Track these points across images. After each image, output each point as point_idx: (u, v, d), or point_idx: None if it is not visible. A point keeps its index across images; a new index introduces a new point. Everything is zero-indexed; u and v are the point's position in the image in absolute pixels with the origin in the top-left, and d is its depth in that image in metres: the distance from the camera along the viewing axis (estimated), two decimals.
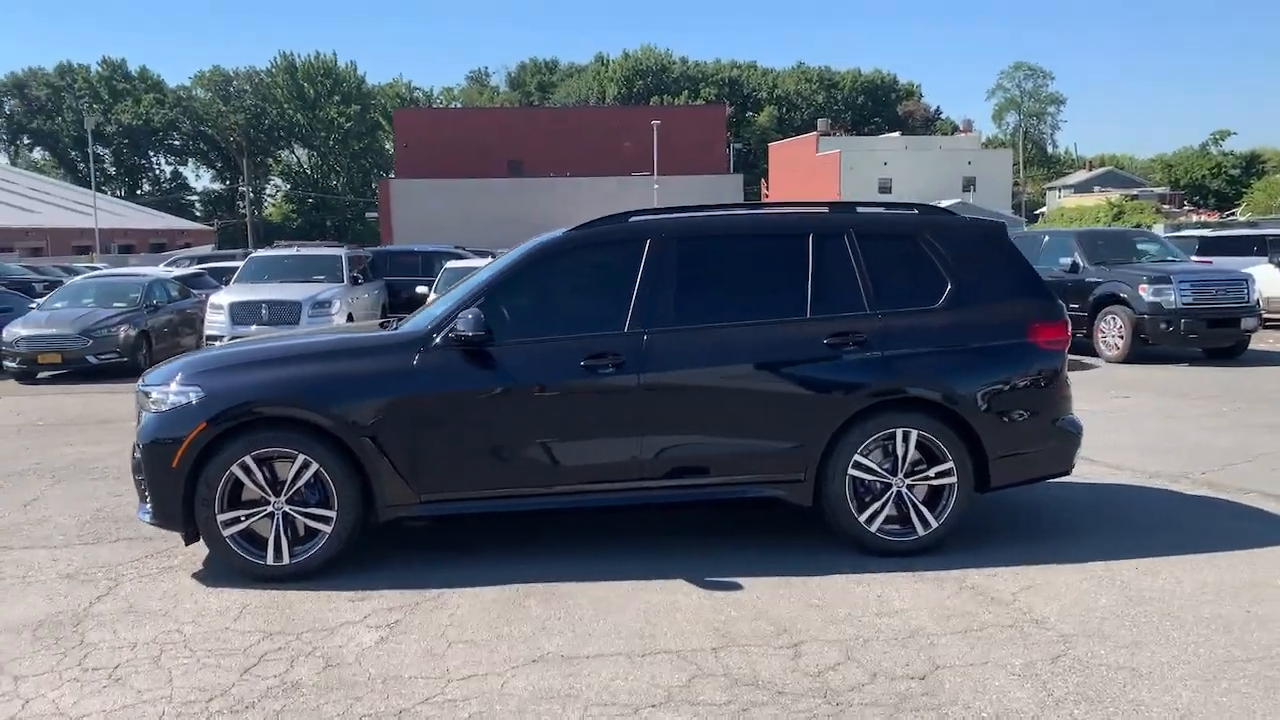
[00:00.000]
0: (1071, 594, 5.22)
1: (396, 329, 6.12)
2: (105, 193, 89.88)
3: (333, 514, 5.58)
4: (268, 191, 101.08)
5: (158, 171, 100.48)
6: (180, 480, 5.51)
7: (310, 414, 5.54)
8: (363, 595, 5.36)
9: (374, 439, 5.56)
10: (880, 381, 5.84)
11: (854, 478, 5.84)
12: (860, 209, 6.44)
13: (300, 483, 5.56)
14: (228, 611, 5.17)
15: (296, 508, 5.59)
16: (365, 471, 5.57)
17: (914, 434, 5.85)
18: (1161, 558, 5.74)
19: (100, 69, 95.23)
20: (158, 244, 64.42)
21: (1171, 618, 4.87)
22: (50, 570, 5.92)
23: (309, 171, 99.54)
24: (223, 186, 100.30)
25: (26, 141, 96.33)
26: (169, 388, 5.69)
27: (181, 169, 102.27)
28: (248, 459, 5.52)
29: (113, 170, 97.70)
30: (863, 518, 5.84)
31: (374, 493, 5.60)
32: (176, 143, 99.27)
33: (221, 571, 5.68)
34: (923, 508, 5.88)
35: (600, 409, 5.73)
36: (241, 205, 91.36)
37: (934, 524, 5.87)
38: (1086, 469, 7.81)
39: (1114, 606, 5.03)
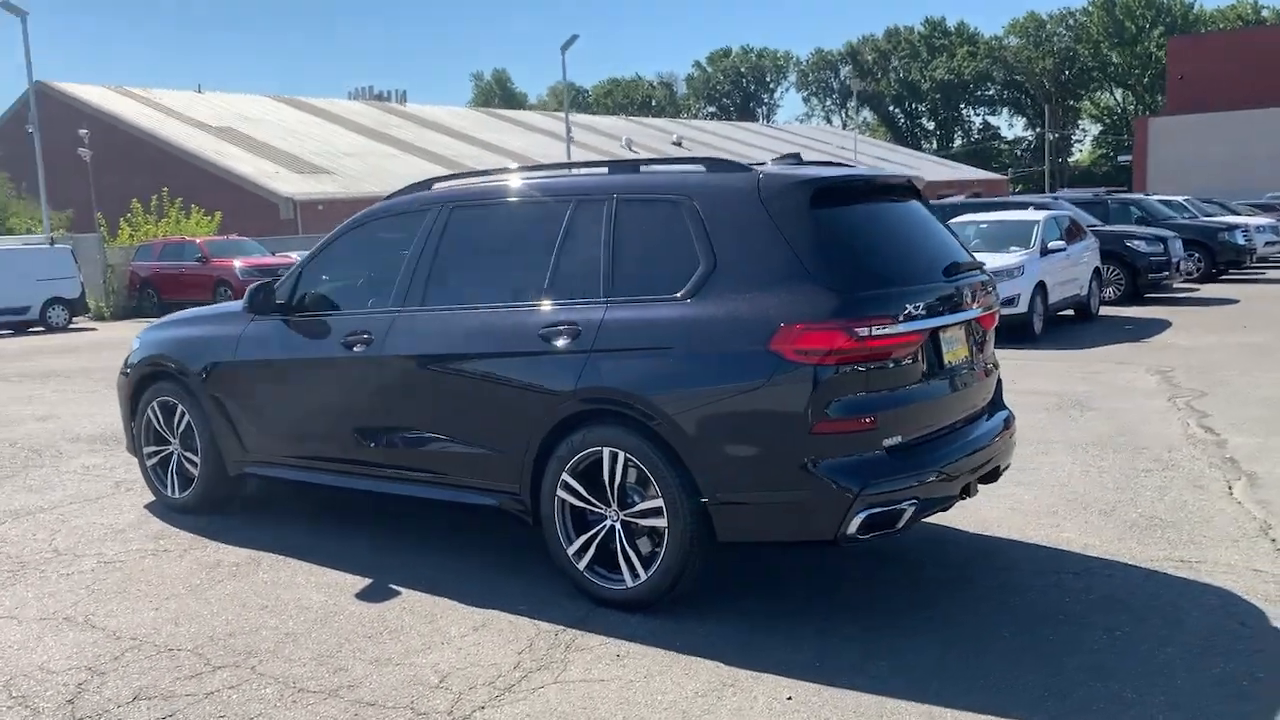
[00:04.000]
0: (642, 697, 3.72)
1: None
2: (923, 147, 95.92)
3: (198, 460, 6.30)
4: (1074, 136, 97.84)
5: (968, 124, 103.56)
6: (128, 415, 6.72)
7: (175, 370, 6.30)
8: (172, 535, 6.00)
9: (215, 397, 6.11)
10: (582, 386, 4.60)
11: (565, 501, 4.74)
12: (645, 167, 4.98)
13: (180, 430, 6.37)
14: (103, 524, 6.22)
15: (185, 452, 6.42)
16: (212, 426, 6.17)
17: (621, 455, 4.52)
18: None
19: (922, 28, 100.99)
20: (941, 195, 67.10)
21: None
22: (110, 477, 7.52)
23: (1123, 112, 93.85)
24: (1032, 135, 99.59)
25: (853, 104, 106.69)
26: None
27: (992, 119, 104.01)
28: (154, 403, 6.49)
29: (929, 125, 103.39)
30: (571, 550, 4.73)
31: (220, 446, 6.17)
32: (990, 93, 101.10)
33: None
34: (631, 552, 4.54)
35: (348, 390, 5.50)
36: (1045, 153, 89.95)
37: (642, 575, 4.51)
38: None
39: None
